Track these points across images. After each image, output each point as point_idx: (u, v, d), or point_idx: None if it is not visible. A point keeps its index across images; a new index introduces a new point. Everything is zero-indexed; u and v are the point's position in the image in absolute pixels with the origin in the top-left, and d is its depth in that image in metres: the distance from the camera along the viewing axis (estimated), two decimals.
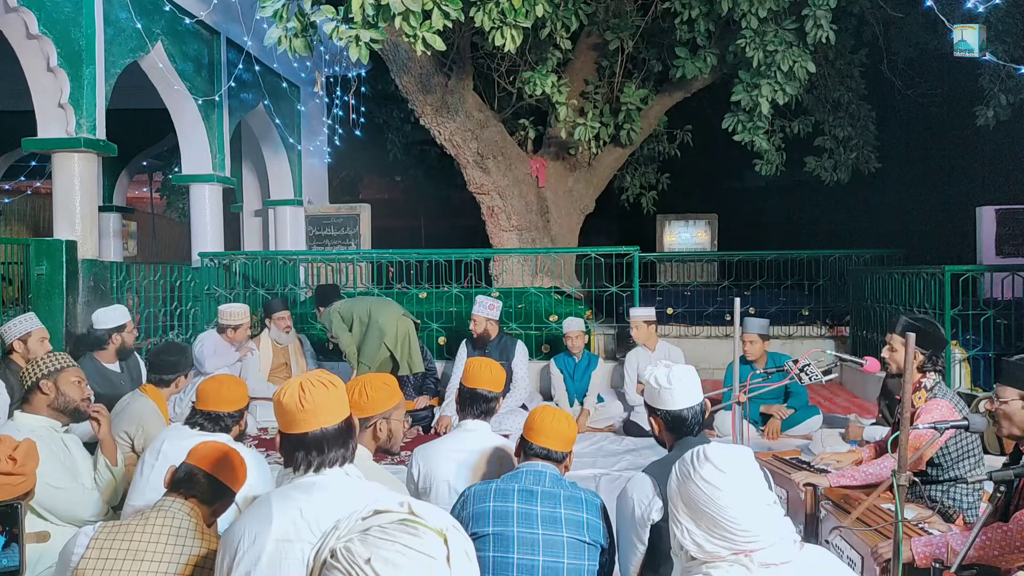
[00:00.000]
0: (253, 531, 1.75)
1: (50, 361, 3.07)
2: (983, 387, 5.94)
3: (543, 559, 2.24)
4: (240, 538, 1.76)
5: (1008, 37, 8.27)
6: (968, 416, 2.91)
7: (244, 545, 1.74)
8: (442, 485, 2.74)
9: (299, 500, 1.77)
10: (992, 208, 9.09)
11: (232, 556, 1.75)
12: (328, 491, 1.78)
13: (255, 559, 1.71)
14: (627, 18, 8.24)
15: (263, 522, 1.75)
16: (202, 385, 2.97)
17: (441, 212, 16.09)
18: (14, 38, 5.71)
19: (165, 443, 2.84)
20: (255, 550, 1.72)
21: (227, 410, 2.93)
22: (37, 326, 4.33)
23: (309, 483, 1.80)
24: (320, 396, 1.85)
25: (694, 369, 2.48)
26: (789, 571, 1.50)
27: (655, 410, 2.44)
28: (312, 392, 1.85)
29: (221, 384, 2.96)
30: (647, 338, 5.97)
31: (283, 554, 1.70)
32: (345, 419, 1.91)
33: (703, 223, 12.20)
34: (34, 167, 11.25)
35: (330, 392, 1.87)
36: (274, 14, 5.14)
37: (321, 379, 1.89)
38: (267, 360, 6.11)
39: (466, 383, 2.92)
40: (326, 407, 1.86)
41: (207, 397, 2.92)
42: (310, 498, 1.77)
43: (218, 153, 7.95)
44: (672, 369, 2.43)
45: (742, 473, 1.51)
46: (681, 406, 2.38)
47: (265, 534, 1.73)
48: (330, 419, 1.86)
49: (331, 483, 1.81)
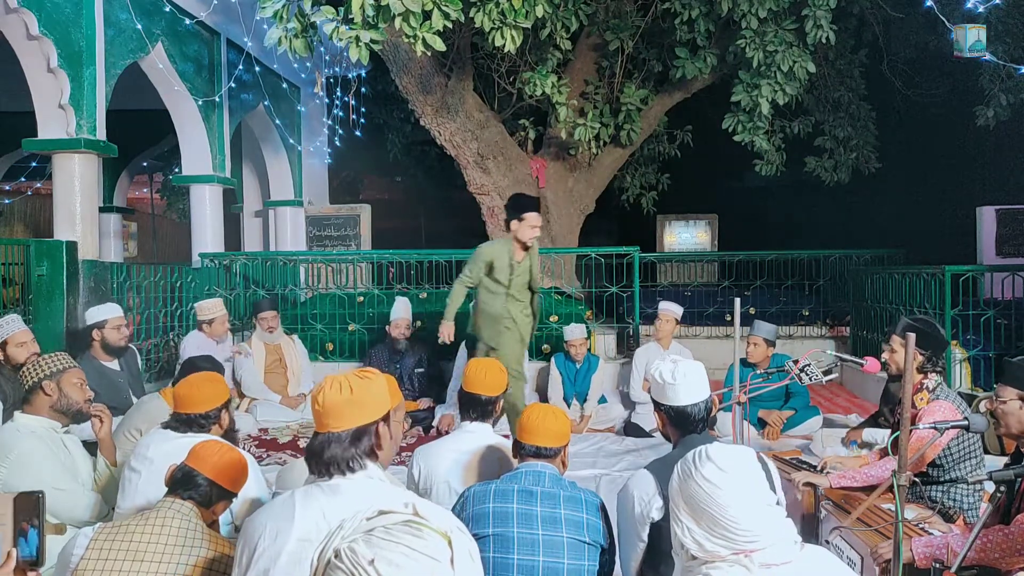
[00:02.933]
0: (275, 528, 1.74)
1: (52, 362, 3.06)
2: (983, 387, 5.94)
3: (543, 559, 2.24)
4: (261, 533, 1.74)
5: (1008, 37, 8.27)
6: (969, 416, 2.91)
7: (265, 541, 1.72)
8: (442, 486, 2.74)
9: (322, 500, 1.75)
10: (992, 208, 9.10)
11: (252, 550, 1.74)
12: (351, 494, 1.75)
13: (275, 556, 1.70)
14: (627, 18, 8.24)
15: (286, 520, 1.74)
16: (175, 388, 2.94)
17: (441, 212, 16.08)
18: (14, 39, 5.71)
19: (151, 448, 2.78)
20: (276, 547, 1.71)
21: (199, 411, 2.83)
22: (17, 329, 4.21)
23: (334, 485, 1.77)
24: (332, 398, 1.77)
25: (702, 366, 2.46)
26: (790, 571, 1.50)
27: (659, 405, 2.44)
28: (327, 393, 1.78)
29: (191, 385, 2.87)
30: (669, 334, 6.01)
31: (303, 554, 1.68)
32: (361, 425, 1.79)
33: (703, 223, 12.20)
34: (34, 168, 11.23)
35: (343, 396, 1.77)
36: (274, 15, 5.14)
37: (345, 380, 1.79)
38: (260, 359, 6.14)
39: (465, 387, 2.92)
40: (337, 411, 1.77)
41: (178, 400, 2.86)
42: (332, 499, 1.75)
43: (218, 154, 7.95)
44: (678, 364, 2.42)
45: (743, 473, 1.51)
46: (685, 402, 2.37)
47: (287, 532, 1.72)
48: (340, 424, 1.77)
49: (355, 486, 1.77)
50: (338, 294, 7.54)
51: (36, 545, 1.72)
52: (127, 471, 2.82)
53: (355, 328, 7.16)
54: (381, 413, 1.81)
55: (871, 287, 7.27)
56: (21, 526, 1.72)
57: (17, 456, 2.86)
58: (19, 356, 4.12)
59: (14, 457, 2.86)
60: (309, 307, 7.59)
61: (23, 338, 4.21)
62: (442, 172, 13.23)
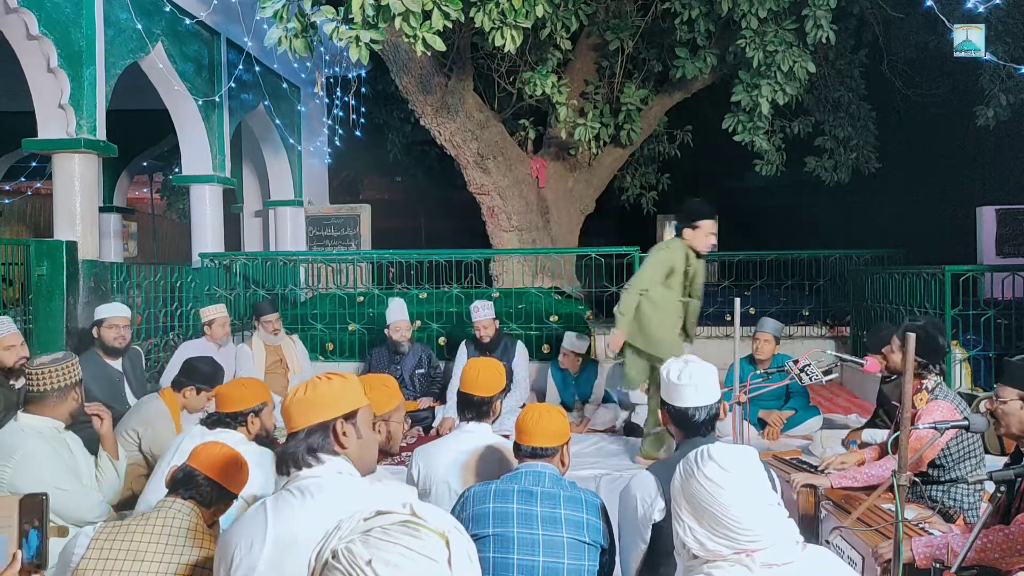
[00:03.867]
0: (249, 538, 1.71)
1: (60, 375, 3.03)
2: (983, 387, 5.94)
3: (543, 560, 2.24)
4: (236, 544, 1.72)
5: (1008, 37, 8.27)
6: (969, 416, 2.91)
7: (241, 551, 1.71)
8: (442, 486, 2.74)
9: (294, 503, 1.73)
10: (992, 208, 9.09)
11: (228, 563, 1.72)
12: (323, 492, 1.74)
13: (252, 566, 1.68)
14: (627, 18, 8.24)
15: (259, 528, 1.72)
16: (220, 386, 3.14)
17: (441, 212, 16.07)
18: (14, 39, 5.71)
19: (184, 441, 2.90)
20: (251, 558, 1.69)
21: (231, 410, 2.98)
22: (7, 332, 4.08)
23: (303, 486, 1.76)
24: (291, 400, 1.83)
25: (713, 369, 2.42)
26: (791, 571, 1.50)
27: (664, 402, 2.43)
28: (288, 397, 1.84)
29: (231, 385, 3.07)
30: None
31: (280, 559, 1.67)
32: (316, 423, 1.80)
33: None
34: (34, 168, 11.23)
35: (299, 396, 1.82)
36: (274, 15, 5.14)
37: (306, 383, 1.84)
38: (260, 359, 6.14)
39: (461, 387, 2.92)
40: (295, 411, 1.81)
41: (218, 398, 3.05)
42: (304, 501, 1.73)
43: (218, 154, 7.95)
44: (688, 365, 2.40)
45: (746, 472, 1.51)
46: (687, 404, 2.35)
47: (261, 539, 1.70)
48: (299, 423, 1.80)
49: (325, 483, 1.75)
50: (338, 294, 7.54)
51: (37, 547, 1.72)
52: (161, 463, 2.94)
53: (355, 328, 7.16)
54: (340, 411, 1.81)
55: (871, 287, 7.26)
56: (23, 528, 1.72)
57: (22, 457, 2.87)
58: (7, 359, 3.98)
59: (19, 457, 2.86)
60: (309, 307, 7.58)
61: (12, 341, 4.06)
62: (442, 172, 13.23)
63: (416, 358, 6.19)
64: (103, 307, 5.01)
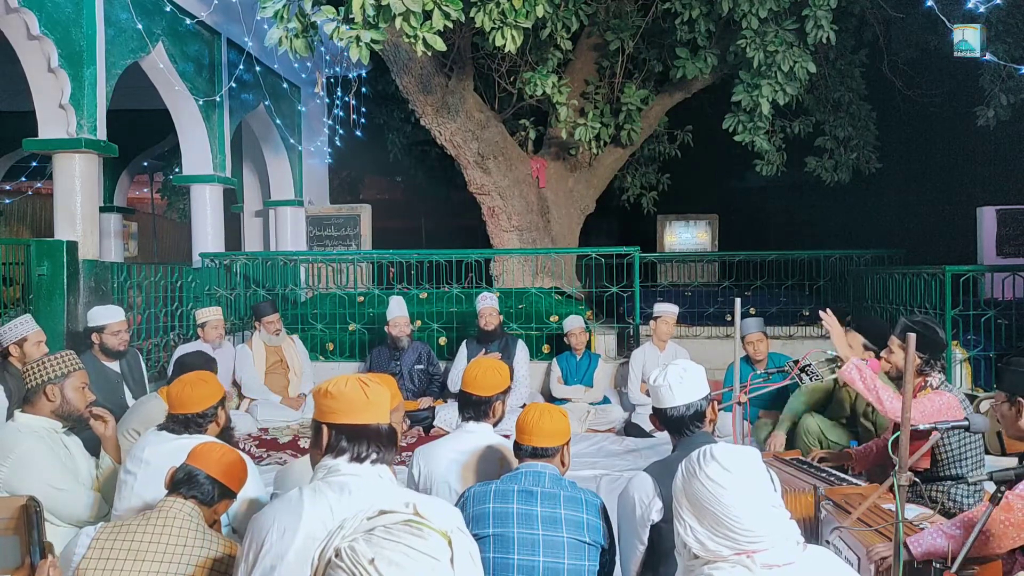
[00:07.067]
0: (283, 524, 1.75)
1: (56, 365, 3.03)
2: (984, 387, 5.94)
3: (543, 560, 2.24)
4: (269, 529, 1.75)
5: (1008, 37, 8.27)
6: (969, 416, 2.91)
7: (273, 537, 1.73)
8: (442, 486, 2.74)
9: (330, 498, 1.76)
10: (992, 208, 9.09)
11: (259, 546, 1.75)
12: (361, 492, 1.77)
13: (282, 554, 1.71)
14: (627, 18, 8.24)
15: (294, 517, 1.75)
16: (168, 389, 2.95)
17: (441, 212, 16.08)
18: (15, 39, 5.71)
19: (147, 450, 2.78)
20: (283, 544, 1.72)
21: (195, 411, 2.84)
22: (33, 329, 4.25)
23: (342, 482, 1.78)
24: (381, 394, 1.90)
25: (696, 367, 2.44)
26: (792, 572, 1.50)
27: (653, 407, 2.47)
28: (374, 388, 1.89)
29: (184, 385, 2.88)
30: (667, 334, 6.03)
31: (309, 551, 1.70)
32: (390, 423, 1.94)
33: (703, 223, 12.18)
34: (35, 168, 11.22)
35: (386, 394, 1.93)
36: (275, 15, 5.14)
37: (376, 380, 1.94)
38: (260, 360, 6.14)
39: (462, 387, 2.93)
40: (383, 406, 1.91)
41: (173, 401, 2.87)
42: (341, 497, 1.76)
43: (219, 154, 7.95)
44: (667, 368, 2.42)
45: (747, 473, 1.52)
46: (668, 404, 2.38)
47: (295, 529, 1.73)
48: (386, 418, 1.91)
49: (364, 484, 1.79)
50: (338, 294, 7.54)
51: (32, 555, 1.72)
52: (123, 474, 2.82)
53: (355, 328, 7.16)
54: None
55: (871, 287, 7.27)
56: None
57: (18, 456, 2.86)
58: (36, 355, 4.06)
59: (15, 457, 2.86)
60: (309, 307, 7.59)
61: (40, 336, 4.24)
62: (442, 172, 13.24)
63: (416, 354, 6.20)
64: (99, 312, 4.96)
